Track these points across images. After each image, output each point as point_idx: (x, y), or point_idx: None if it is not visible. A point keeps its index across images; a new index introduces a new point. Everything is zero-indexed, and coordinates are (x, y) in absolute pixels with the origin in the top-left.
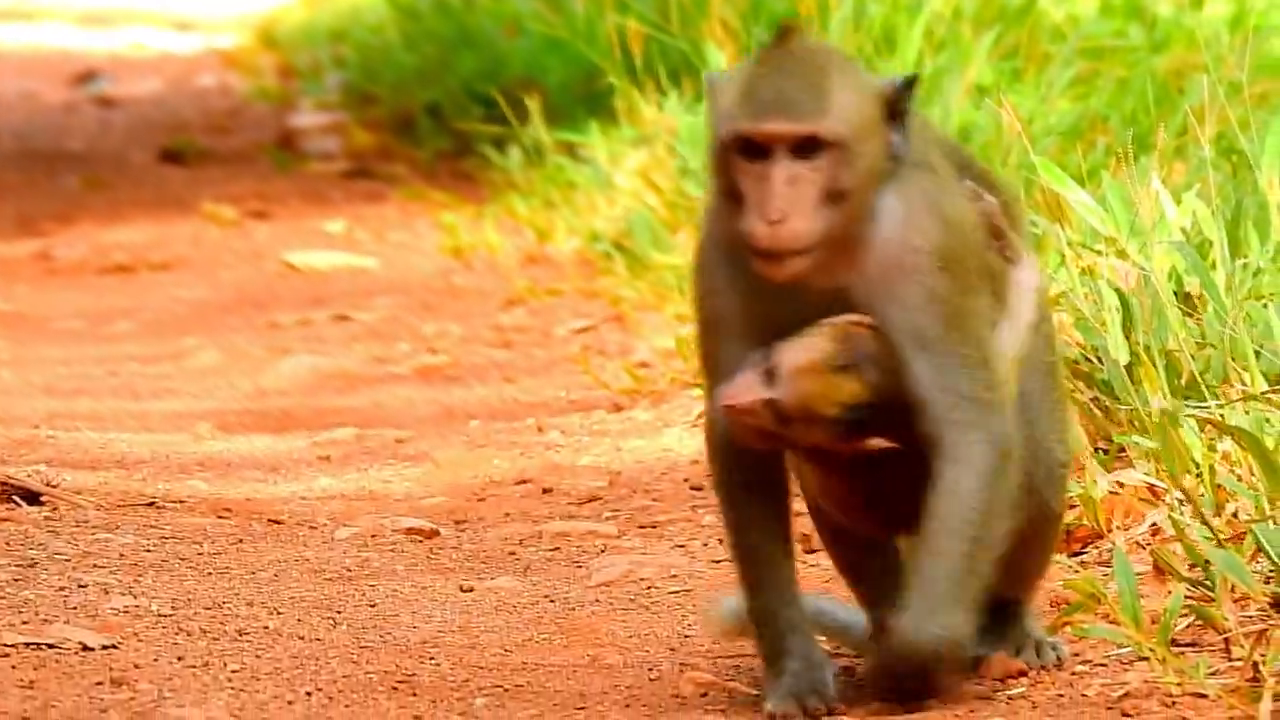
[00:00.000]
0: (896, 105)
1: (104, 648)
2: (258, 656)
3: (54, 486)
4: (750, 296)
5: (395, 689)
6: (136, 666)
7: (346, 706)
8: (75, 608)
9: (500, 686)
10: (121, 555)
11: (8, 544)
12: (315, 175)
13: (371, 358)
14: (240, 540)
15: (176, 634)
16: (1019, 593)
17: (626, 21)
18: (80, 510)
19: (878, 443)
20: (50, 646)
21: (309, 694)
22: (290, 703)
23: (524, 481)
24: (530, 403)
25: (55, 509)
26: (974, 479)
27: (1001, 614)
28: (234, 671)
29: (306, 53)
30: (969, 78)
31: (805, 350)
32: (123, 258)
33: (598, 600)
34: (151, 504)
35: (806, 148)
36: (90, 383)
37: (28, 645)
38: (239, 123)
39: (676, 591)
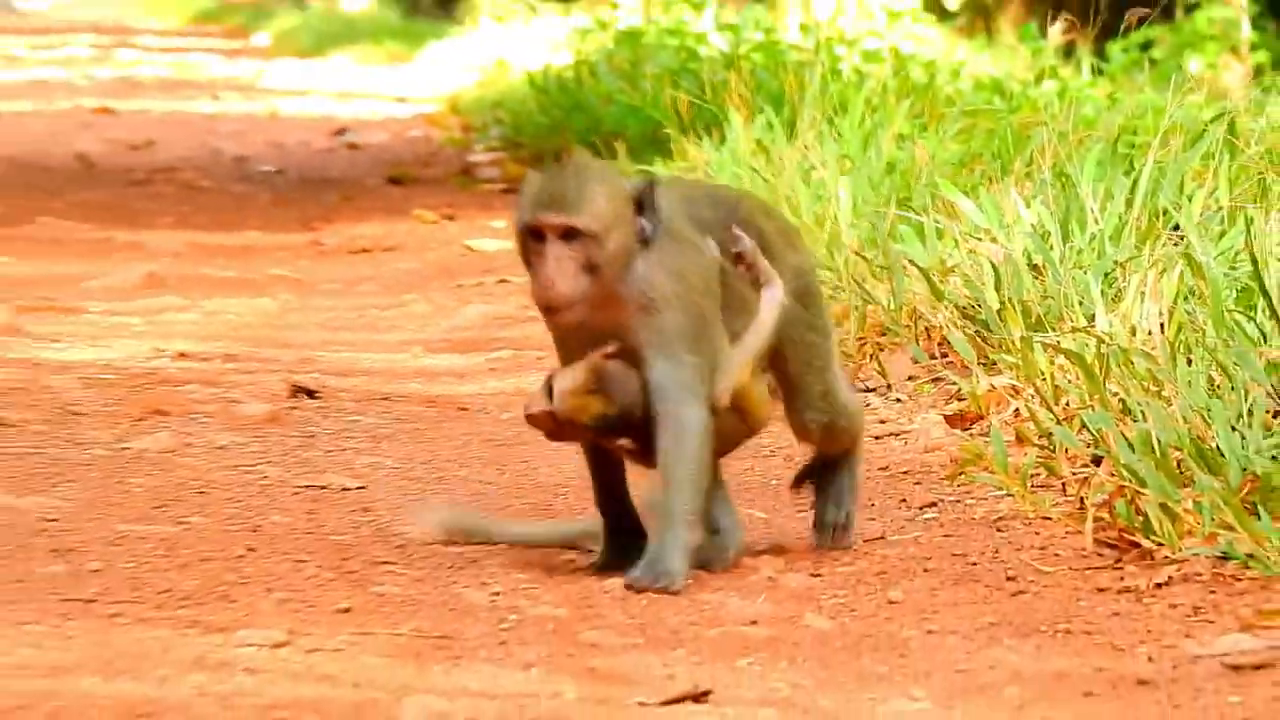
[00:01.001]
0: (642, 201)
1: (356, 489)
2: (453, 493)
3: (325, 387)
4: (555, 330)
5: (537, 513)
6: (377, 500)
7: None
8: (338, 463)
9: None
10: (366, 430)
11: (296, 423)
12: (484, 192)
13: (520, 306)
14: (440, 421)
15: (401, 480)
16: (844, 469)
17: (678, 94)
18: (340, 402)
19: (624, 442)
20: (322, 488)
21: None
22: None
23: None
24: None
25: (325, 401)
26: (682, 440)
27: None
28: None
29: (478, 115)
30: (894, 129)
31: (569, 378)
32: (365, 244)
33: None
34: (385, 398)
35: (569, 235)
36: (345, 322)
37: (308, 487)
38: (436, 160)
39: None
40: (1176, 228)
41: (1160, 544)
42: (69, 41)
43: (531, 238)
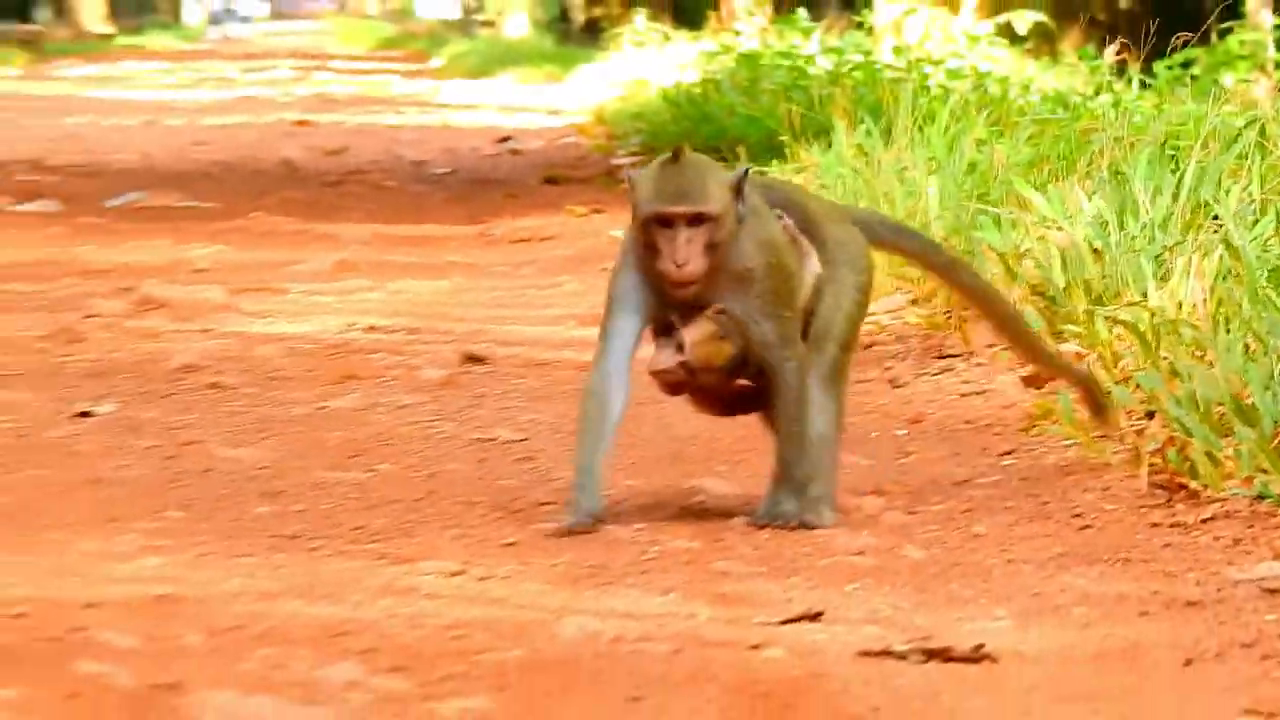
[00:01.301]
0: (739, 186)
1: (519, 441)
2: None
3: (492, 355)
4: (651, 298)
5: (672, 460)
6: (537, 451)
7: (633, 461)
8: (503, 419)
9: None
10: (527, 392)
11: (468, 386)
12: (624, 191)
13: None
14: (575, 388)
15: (557, 434)
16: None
17: (791, 107)
18: (505, 368)
19: (742, 382)
20: (490, 440)
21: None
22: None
23: None
24: None
25: (493, 367)
26: (798, 386)
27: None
28: None
29: (620, 125)
30: (974, 135)
31: (697, 331)
32: (525, 234)
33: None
34: (543, 364)
35: (695, 221)
36: (509, 300)
37: (478, 440)
38: (585, 163)
39: None
40: (1216, 217)
41: (1205, 486)
42: (275, 65)
43: (659, 225)
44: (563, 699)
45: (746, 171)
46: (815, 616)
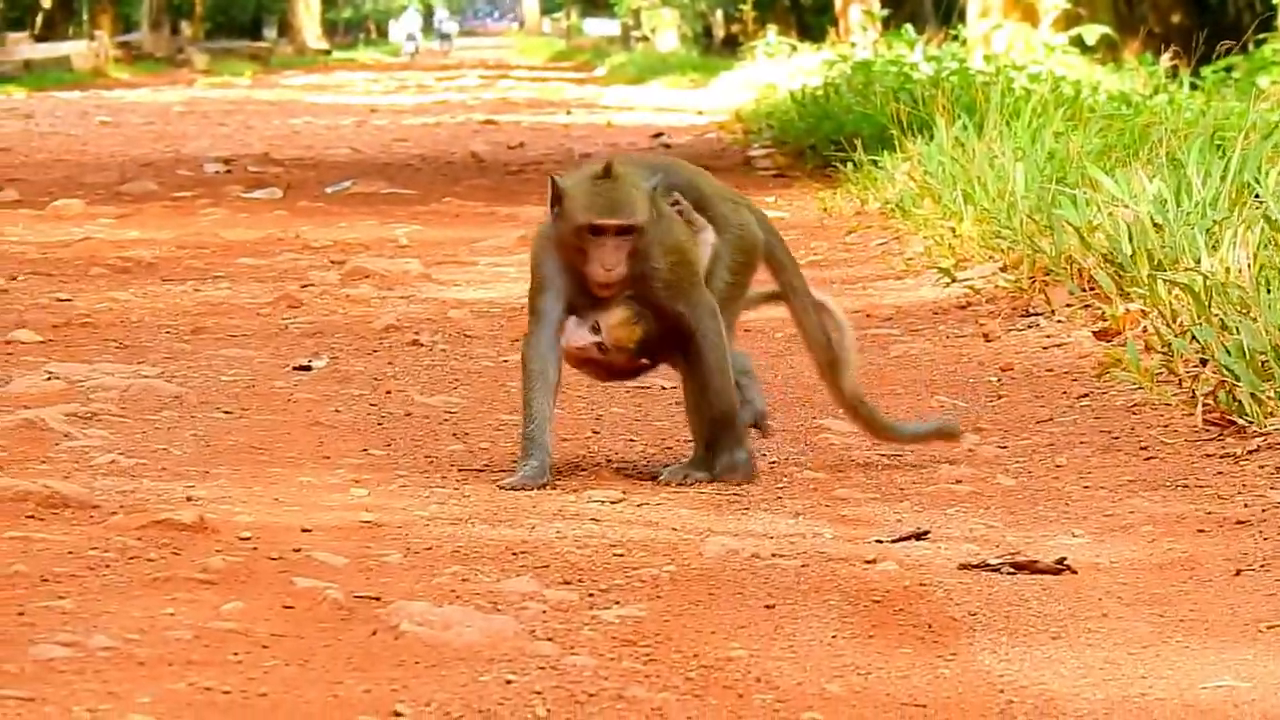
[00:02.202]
0: (652, 196)
1: (671, 388)
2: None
3: None
4: (572, 285)
5: (800, 404)
6: None
7: (768, 404)
8: (659, 370)
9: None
10: None
11: None
12: (760, 177)
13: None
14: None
15: None
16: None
17: (898, 106)
18: None
19: (644, 360)
20: (647, 388)
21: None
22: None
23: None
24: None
25: None
26: (714, 344)
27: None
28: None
29: (755, 122)
30: (1052, 129)
31: (612, 316)
32: None
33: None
34: None
35: (624, 232)
36: None
37: (637, 387)
38: (726, 154)
39: None
40: (1257, 196)
41: (1251, 422)
42: (464, 75)
43: (591, 233)
44: (708, 606)
45: (656, 186)
46: (922, 535)
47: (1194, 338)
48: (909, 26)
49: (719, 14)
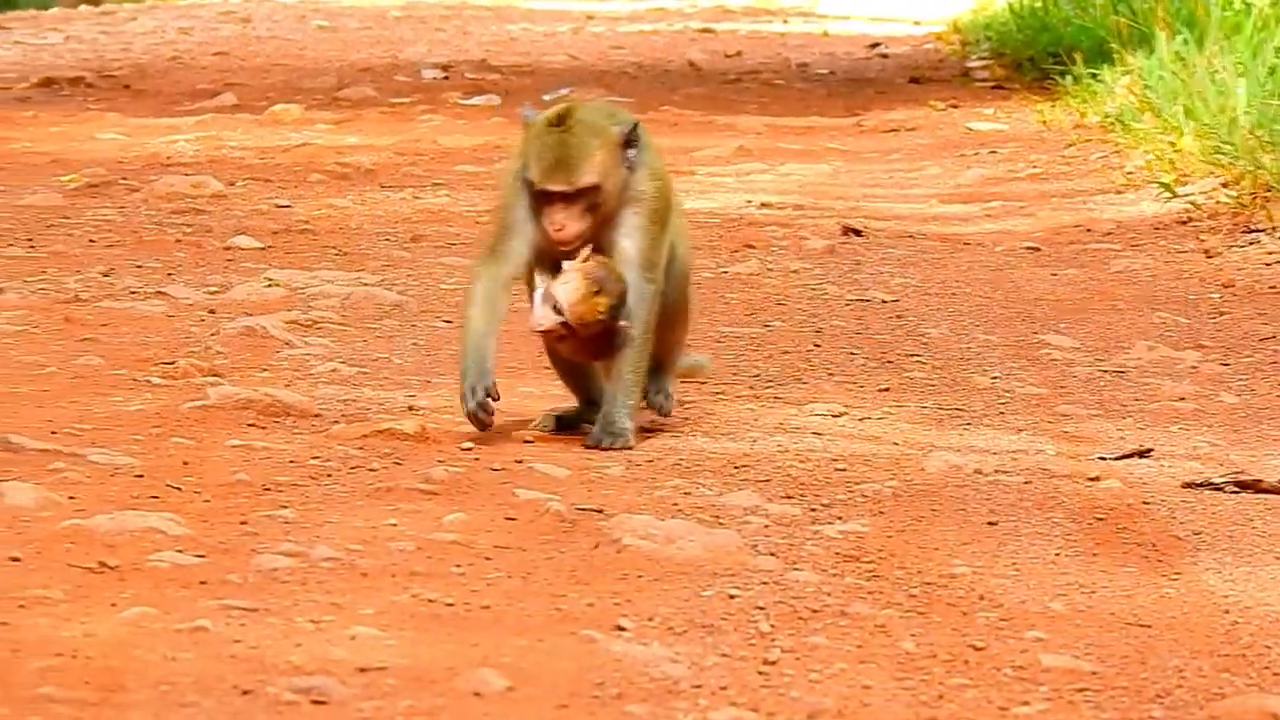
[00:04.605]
0: (629, 139)
1: (891, 301)
2: (958, 306)
3: (867, 228)
4: (536, 231)
5: (1021, 319)
6: (907, 310)
7: (988, 318)
8: (878, 283)
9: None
10: (897, 259)
11: (847, 254)
12: (978, 88)
13: (1007, 170)
14: (950, 252)
15: (924, 295)
16: (663, 359)
17: (1119, 19)
18: (878, 238)
19: (623, 323)
20: (866, 301)
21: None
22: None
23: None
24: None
25: (868, 238)
26: (646, 308)
27: (654, 370)
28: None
29: (973, 33)
30: (1274, 43)
31: (568, 290)
32: (893, 125)
33: None
34: (910, 236)
35: (573, 195)
36: (880, 181)
37: (856, 300)
38: (943, 66)
39: None
40: None
41: None
42: None
43: (542, 198)
44: (930, 523)
45: (635, 125)
46: (1145, 453)
47: None
48: None
49: None
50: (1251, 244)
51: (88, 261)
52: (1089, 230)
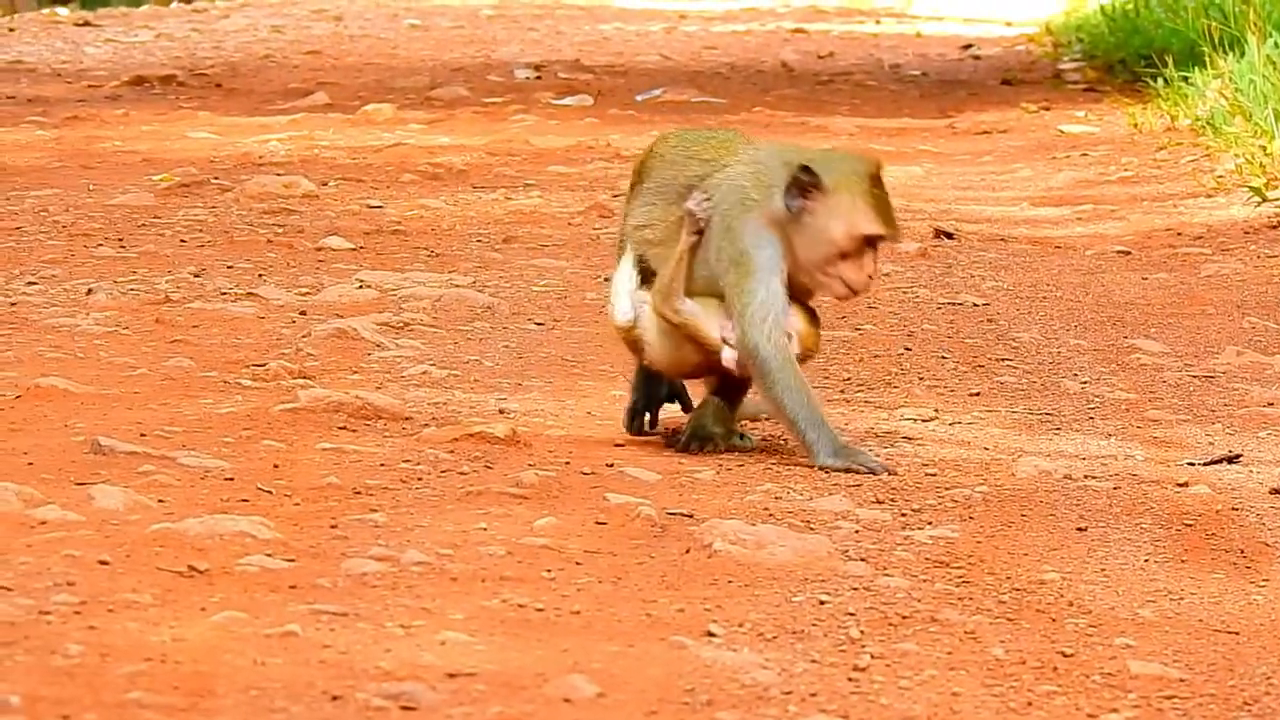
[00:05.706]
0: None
1: (982, 305)
2: (1049, 310)
3: (959, 231)
4: (786, 275)
5: (1111, 323)
6: (998, 314)
7: (1078, 323)
8: (969, 286)
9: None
10: (989, 262)
11: (939, 257)
12: (1070, 91)
13: (1098, 173)
14: (1041, 255)
15: (1015, 298)
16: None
17: (1210, 22)
18: (970, 241)
19: None
20: (958, 304)
21: (1076, 322)
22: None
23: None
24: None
25: (959, 241)
26: None
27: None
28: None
29: (1065, 35)
30: None
31: (802, 321)
32: (985, 127)
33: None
34: (1002, 239)
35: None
36: (972, 183)
37: (948, 303)
38: (1035, 68)
39: None
40: None
41: None
42: None
43: (868, 244)
44: (1020, 528)
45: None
46: (1234, 459)
47: None
48: None
49: None
50: None
51: (179, 262)
52: (1179, 234)
